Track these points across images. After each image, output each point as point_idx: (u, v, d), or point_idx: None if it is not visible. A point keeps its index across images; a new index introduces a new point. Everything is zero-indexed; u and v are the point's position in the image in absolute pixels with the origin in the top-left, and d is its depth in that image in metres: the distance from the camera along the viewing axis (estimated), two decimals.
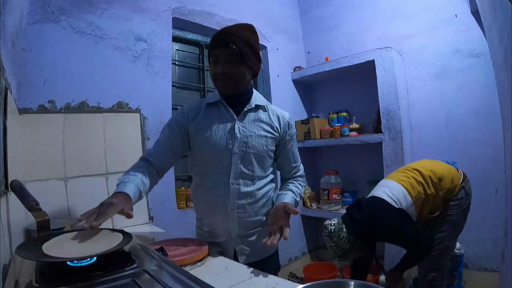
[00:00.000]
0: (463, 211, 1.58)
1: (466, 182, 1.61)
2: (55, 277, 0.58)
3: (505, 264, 1.30)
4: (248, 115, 1.08)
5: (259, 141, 1.06)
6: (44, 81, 1.38)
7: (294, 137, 1.19)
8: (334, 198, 2.53)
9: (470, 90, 2.07)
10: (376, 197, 1.52)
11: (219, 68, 1.01)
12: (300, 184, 1.21)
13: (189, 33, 2.15)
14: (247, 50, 1.01)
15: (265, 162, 1.09)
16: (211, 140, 1.05)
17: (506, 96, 1.09)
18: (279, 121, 1.12)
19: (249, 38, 1.03)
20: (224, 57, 1.00)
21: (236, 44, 0.98)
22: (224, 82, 1.03)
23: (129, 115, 1.65)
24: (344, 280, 0.67)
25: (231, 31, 1.01)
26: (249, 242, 1.10)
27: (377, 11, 2.51)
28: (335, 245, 1.47)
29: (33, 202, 0.77)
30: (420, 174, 1.56)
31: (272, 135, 1.09)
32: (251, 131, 1.06)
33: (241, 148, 1.04)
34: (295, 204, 1.13)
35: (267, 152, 1.08)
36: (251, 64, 1.03)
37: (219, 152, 1.04)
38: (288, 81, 2.78)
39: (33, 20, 1.35)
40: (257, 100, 1.11)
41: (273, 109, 1.15)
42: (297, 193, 1.16)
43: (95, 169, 1.50)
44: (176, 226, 1.73)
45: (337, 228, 1.47)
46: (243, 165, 1.05)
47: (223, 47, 0.99)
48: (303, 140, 2.70)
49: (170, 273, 0.63)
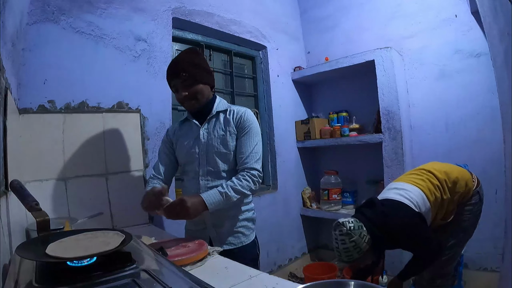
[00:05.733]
0: (475, 217, 1.53)
1: (480, 188, 1.56)
2: (55, 277, 0.58)
3: (505, 264, 1.30)
4: (212, 122, 1.28)
5: (219, 141, 1.24)
6: (44, 81, 1.38)
7: (247, 129, 1.23)
8: (334, 198, 2.53)
9: (470, 91, 2.07)
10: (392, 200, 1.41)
11: (180, 94, 1.21)
12: (241, 177, 1.18)
13: (189, 33, 2.15)
14: (196, 71, 1.20)
15: (229, 158, 1.24)
16: (183, 148, 1.30)
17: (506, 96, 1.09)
18: (234, 117, 1.26)
19: (194, 59, 1.22)
20: (180, 84, 1.20)
21: (185, 71, 1.18)
22: (188, 103, 1.23)
23: (129, 115, 1.65)
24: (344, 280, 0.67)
25: (178, 61, 1.22)
26: (220, 232, 1.26)
27: (377, 11, 2.51)
28: (353, 246, 1.28)
29: (33, 202, 0.76)
30: (436, 178, 1.48)
31: (230, 132, 1.24)
32: (213, 134, 1.25)
33: (204, 149, 1.25)
34: (222, 196, 1.13)
35: (228, 148, 1.24)
36: (204, 80, 1.22)
37: (189, 157, 1.28)
38: (288, 81, 2.78)
39: (33, 20, 1.35)
40: (218, 107, 1.29)
41: (232, 108, 1.29)
42: (226, 186, 1.15)
43: (95, 169, 1.50)
44: (176, 226, 1.73)
45: (357, 226, 1.30)
46: (208, 164, 1.25)
47: (176, 76, 1.20)
48: (303, 140, 2.70)
49: (170, 273, 0.62)
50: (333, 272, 2.33)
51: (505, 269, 1.32)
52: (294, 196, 2.70)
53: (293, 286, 0.78)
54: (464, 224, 1.52)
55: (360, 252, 1.29)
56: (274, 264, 2.46)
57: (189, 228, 1.37)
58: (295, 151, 2.76)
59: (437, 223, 1.53)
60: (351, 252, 1.29)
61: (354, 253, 1.29)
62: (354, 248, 1.29)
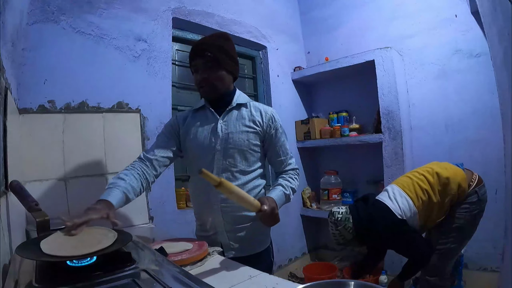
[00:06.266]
0: (472, 216, 1.52)
1: (480, 187, 1.54)
2: (55, 277, 0.58)
3: (505, 264, 1.30)
4: (231, 114, 1.15)
5: (240, 137, 1.11)
6: (44, 81, 1.38)
7: (280, 130, 1.18)
8: (334, 198, 2.53)
9: (470, 90, 2.07)
10: (381, 202, 1.52)
11: (200, 75, 1.10)
12: (290, 177, 1.19)
13: (189, 33, 2.15)
14: (222, 55, 1.09)
15: (249, 157, 1.13)
16: (196, 140, 1.14)
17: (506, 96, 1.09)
18: (261, 115, 1.16)
19: (223, 44, 1.12)
20: (202, 65, 1.09)
21: (210, 51, 1.07)
22: (206, 87, 1.11)
23: (129, 115, 1.65)
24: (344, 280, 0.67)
25: (205, 41, 1.12)
26: (237, 238, 1.13)
27: (377, 11, 2.51)
28: (338, 233, 1.50)
29: (32, 203, 0.77)
30: (427, 181, 1.52)
31: (254, 130, 1.13)
32: (233, 128, 1.12)
33: (223, 145, 1.11)
34: (286, 198, 1.14)
35: (249, 146, 1.12)
36: (228, 67, 1.12)
37: (204, 150, 1.12)
38: (288, 81, 2.78)
39: (33, 20, 1.35)
40: (239, 99, 1.17)
41: (256, 105, 1.19)
42: (286, 186, 1.15)
43: (95, 169, 1.50)
44: (176, 226, 1.73)
45: (344, 217, 1.49)
46: (225, 161, 1.11)
47: (199, 56, 1.09)
48: (303, 140, 2.70)
49: (170, 273, 0.63)
50: (333, 272, 2.33)
51: (505, 269, 1.32)
52: (294, 196, 2.69)
53: (293, 286, 0.78)
54: (459, 222, 1.52)
55: (344, 239, 1.51)
56: (274, 264, 2.45)
57: (199, 234, 1.23)
58: (295, 151, 2.75)
59: (430, 224, 1.55)
60: (337, 237, 1.52)
61: (339, 239, 1.51)
62: (339, 235, 1.51)
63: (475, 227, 1.56)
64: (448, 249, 1.54)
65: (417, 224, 1.50)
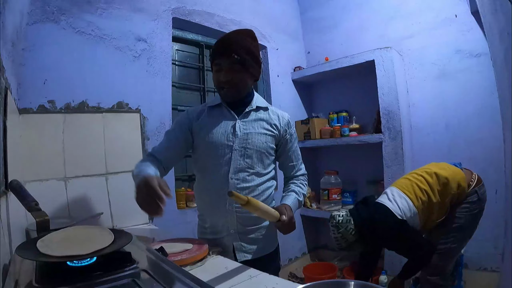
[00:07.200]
0: (473, 216, 1.53)
1: (480, 187, 1.55)
2: (55, 277, 0.58)
3: (505, 264, 1.30)
4: (249, 115, 1.13)
5: (259, 138, 1.10)
6: (44, 81, 1.38)
7: (294, 135, 1.21)
8: (334, 198, 2.53)
9: (470, 90, 2.07)
10: (381, 204, 1.52)
11: (223, 76, 1.05)
12: (302, 183, 1.23)
13: (189, 33, 2.15)
14: (249, 58, 1.06)
15: (265, 160, 1.13)
16: (212, 137, 1.10)
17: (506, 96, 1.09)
18: (279, 120, 1.16)
19: (250, 45, 1.08)
20: (227, 65, 1.04)
21: (238, 54, 1.03)
22: (228, 90, 1.07)
23: (129, 115, 1.65)
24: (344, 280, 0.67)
25: (233, 39, 1.06)
26: (248, 240, 1.12)
27: (377, 11, 2.51)
28: (340, 236, 1.49)
29: (32, 203, 0.77)
30: (426, 182, 1.53)
31: (272, 133, 1.14)
32: (252, 129, 1.11)
33: (242, 145, 1.09)
34: (299, 204, 1.17)
35: (266, 149, 1.12)
36: (252, 70, 1.09)
37: (220, 148, 1.09)
38: (288, 81, 2.78)
39: (33, 20, 1.35)
40: (258, 102, 1.16)
41: (273, 109, 1.20)
42: (299, 193, 1.18)
43: (95, 169, 1.50)
44: (176, 226, 1.73)
45: (345, 219, 1.49)
46: (243, 161, 1.09)
47: (225, 56, 1.04)
48: (303, 140, 2.70)
49: (170, 273, 0.62)
50: (333, 272, 2.33)
51: (505, 269, 1.32)
52: None
53: (293, 286, 0.78)
54: (460, 221, 1.52)
55: (347, 242, 1.49)
56: None
57: (205, 237, 1.16)
58: None
59: (431, 224, 1.55)
60: (339, 241, 1.51)
61: (342, 242, 1.50)
62: (342, 238, 1.49)
63: (475, 226, 1.56)
64: (449, 249, 1.54)
65: (417, 224, 1.50)
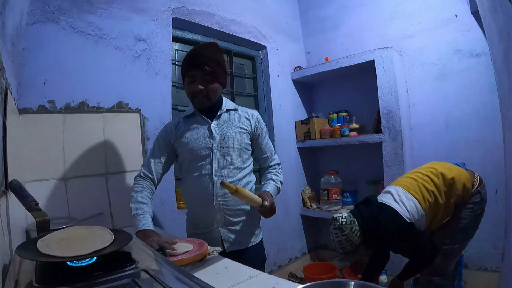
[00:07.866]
0: (476, 216, 1.52)
1: (482, 187, 1.55)
2: (55, 277, 0.58)
3: (505, 264, 1.30)
4: (221, 117, 1.26)
5: (235, 137, 1.23)
6: (44, 81, 1.38)
7: (265, 130, 1.34)
8: (334, 198, 2.53)
9: (470, 90, 2.07)
10: (388, 206, 1.46)
11: (195, 87, 1.18)
12: (277, 172, 1.36)
13: (189, 33, 2.15)
14: (218, 68, 1.19)
15: (243, 155, 1.26)
16: (192, 142, 1.23)
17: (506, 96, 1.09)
18: (248, 118, 1.29)
19: (218, 57, 1.21)
20: (200, 77, 1.17)
21: (209, 66, 1.16)
22: (201, 98, 1.20)
23: (129, 115, 1.65)
24: (344, 280, 0.67)
25: (203, 53, 1.18)
26: (233, 231, 1.23)
27: (377, 11, 2.51)
28: (345, 239, 1.41)
29: (32, 202, 0.76)
30: (432, 182, 1.49)
31: (245, 130, 1.27)
32: (226, 130, 1.24)
33: (220, 145, 1.22)
34: (277, 190, 1.31)
35: (243, 145, 1.25)
36: (221, 79, 1.23)
37: (201, 151, 1.22)
38: (288, 81, 2.78)
39: (33, 20, 1.35)
40: (227, 105, 1.29)
41: (243, 109, 1.32)
42: (277, 180, 1.32)
43: (95, 169, 1.50)
44: (176, 226, 1.73)
45: (349, 221, 1.42)
46: (224, 159, 1.22)
47: (198, 68, 1.16)
48: (303, 140, 2.70)
49: (170, 273, 0.62)
50: (333, 272, 2.33)
51: (505, 269, 1.32)
52: (294, 196, 2.70)
53: (293, 286, 0.78)
54: (464, 222, 1.52)
55: (353, 245, 1.42)
56: (274, 264, 2.46)
57: (193, 232, 1.29)
58: (295, 151, 2.76)
59: (435, 224, 1.54)
60: (344, 244, 1.43)
61: (347, 246, 1.42)
62: (346, 241, 1.42)
63: (477, 226, 1.56)
64: (452, 249, 1.54)
65: (423, 226, 1.47)
